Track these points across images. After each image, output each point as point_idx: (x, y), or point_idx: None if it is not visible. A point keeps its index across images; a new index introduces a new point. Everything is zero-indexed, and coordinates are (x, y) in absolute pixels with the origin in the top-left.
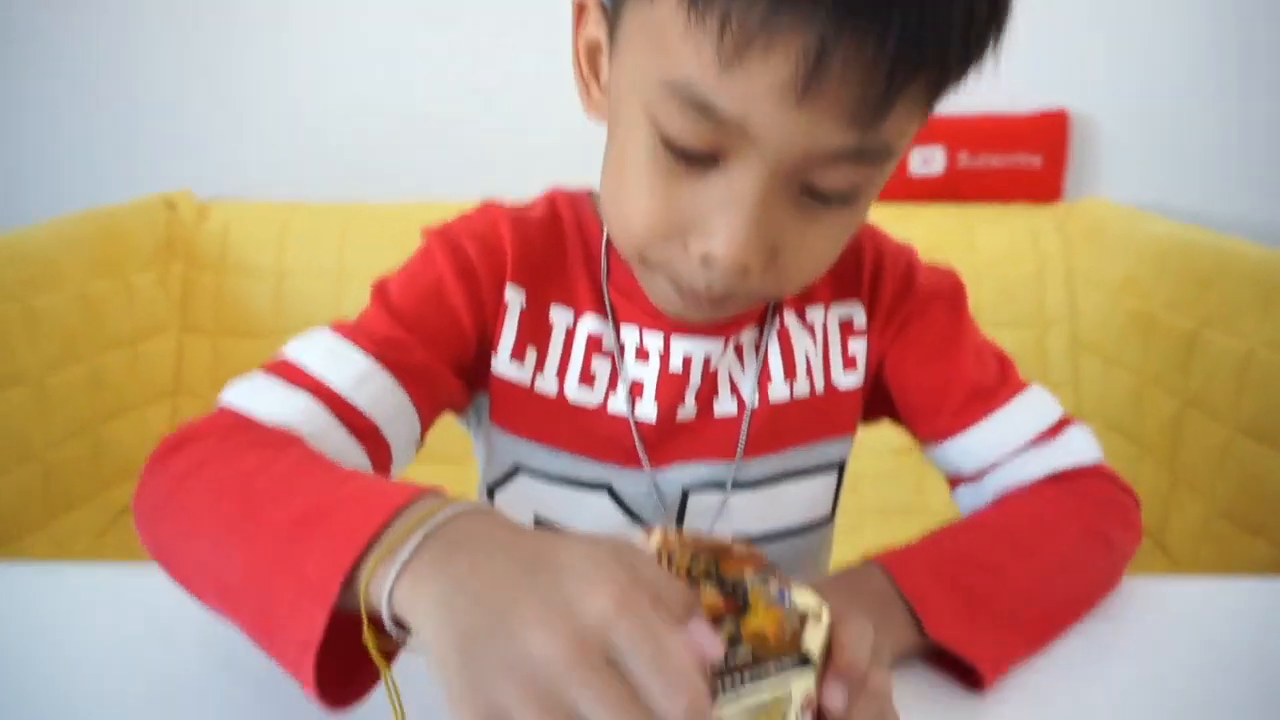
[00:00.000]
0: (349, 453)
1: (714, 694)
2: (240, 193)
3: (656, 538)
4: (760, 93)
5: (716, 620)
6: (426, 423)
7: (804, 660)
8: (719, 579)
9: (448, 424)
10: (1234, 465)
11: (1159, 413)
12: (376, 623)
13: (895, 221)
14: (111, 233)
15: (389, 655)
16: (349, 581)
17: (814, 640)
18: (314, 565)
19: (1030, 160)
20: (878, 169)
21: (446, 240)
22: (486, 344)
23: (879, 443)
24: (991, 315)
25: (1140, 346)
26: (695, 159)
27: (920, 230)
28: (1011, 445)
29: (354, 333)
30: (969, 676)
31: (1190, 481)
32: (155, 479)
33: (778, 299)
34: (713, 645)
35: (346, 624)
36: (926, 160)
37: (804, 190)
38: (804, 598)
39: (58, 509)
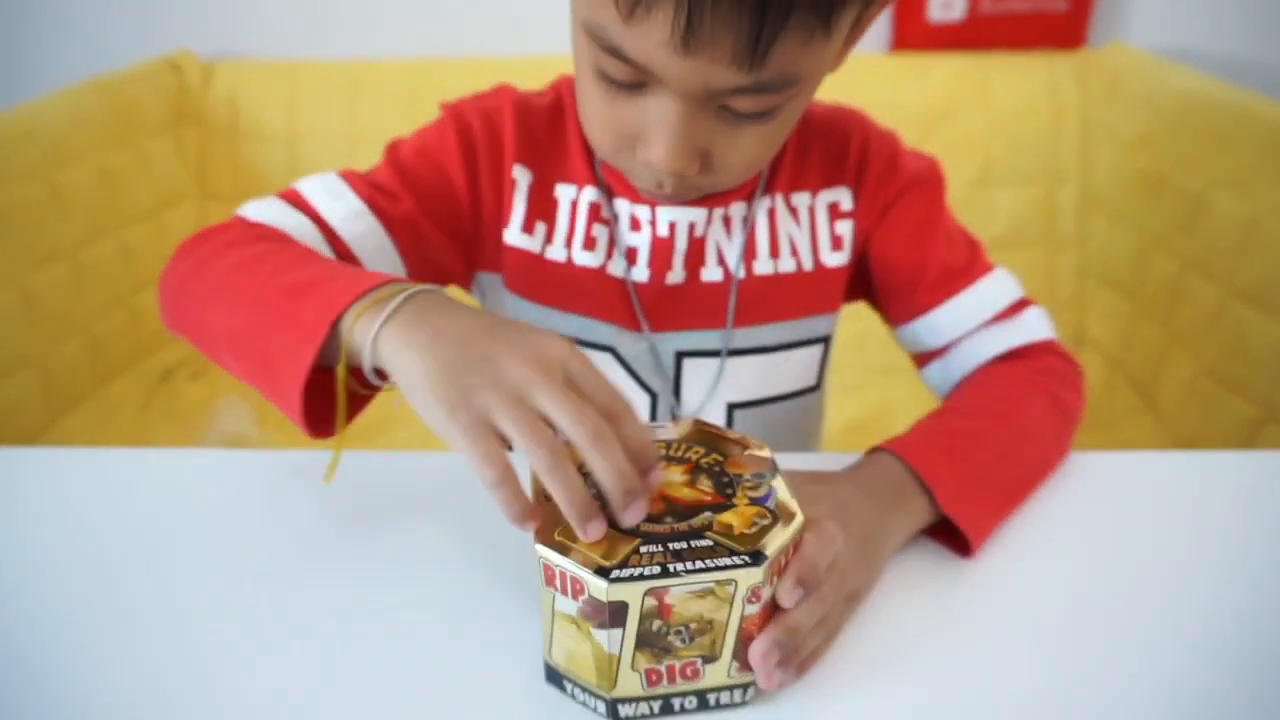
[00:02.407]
0: None
1: (669, 574)
2: (238, 50)
3: (684, 426)
4: (653, 46)
5: (697, 508)
6: (414, 272)
7: (758, 556)
8: (719, 473)
9: None
10: (1225, 327)
11: (1159, 273)
12: (356, 368)
13: (911, 75)
14: (121, 102)
15: (362, 399)
16: (336, 329)
17: (774, 542)
18: (310, 313)
19: (1055, 3)
20: (787, 93)
21: (455, 114)
22: (490, 219)
23: None
24: (1003, 171)
25: (1147, 206)
26: (625, 85)
27: (936, 83)
28: (976, 321)
29: (355, 178)
30: (955, 541)
31: (1183, 341)
32: (179, 264)
33: (727, 188)
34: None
35: (331, 375)
36: (947, 5)
37: (723, 109)
38: (786, 502)
39: (104, 377)
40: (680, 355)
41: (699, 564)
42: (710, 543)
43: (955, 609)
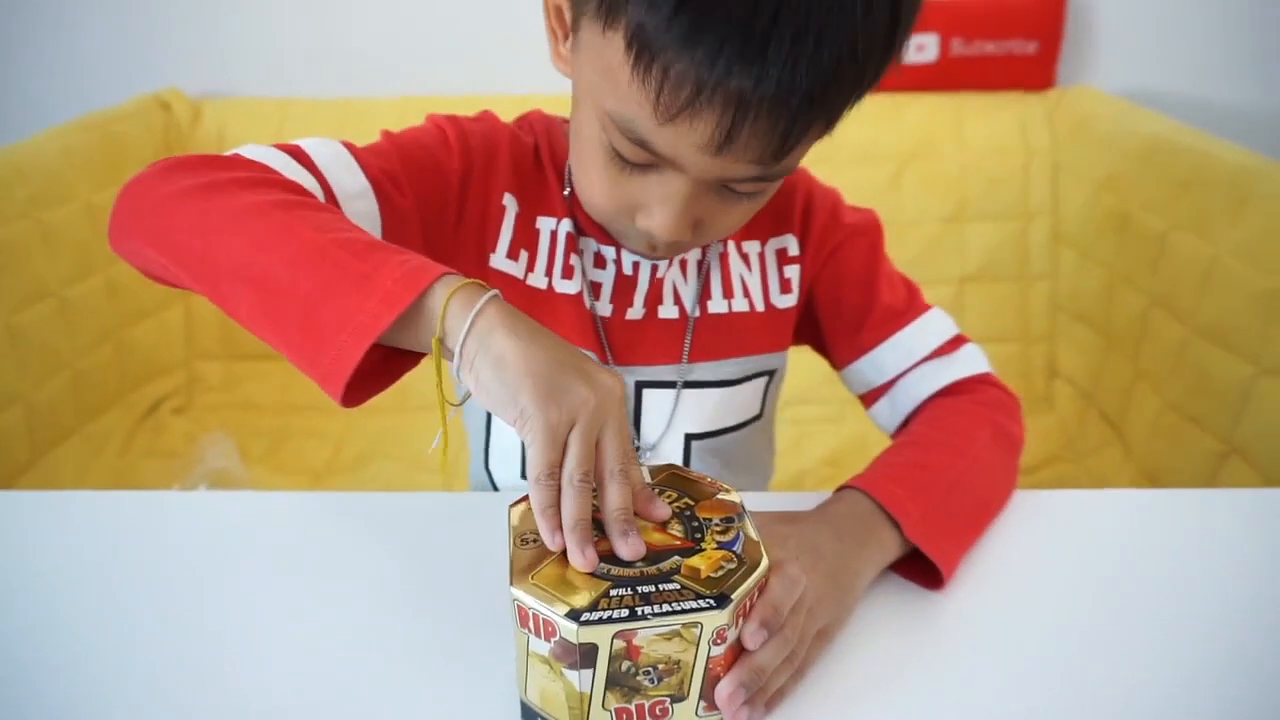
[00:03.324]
0: None
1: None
2: (225, 89)
3: (658, 471)
4: (686, 146)
5: (666, 552)
6: None
7: (723, 600)
8: (689, 517)
9: None
10: (1188, 363)
11: (1127, 309)
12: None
13: (886, 113)
14: (110, 139)
15: (397, 372)
16: (420, 301)
17: (739, 586)
18: (390, 279)
19: (1025, 47)
20: (784, 178)
21: (455, 123)
22: (472, 238)
23: None
24: (977, 208)
25: (1115, 244)
26: (637, 165)
27: (911, 121)
28: (918, 355)
29: (364, 155)
30: (926, 576)
31: (1149, 376)
32: (167, 177)
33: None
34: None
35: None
36: (920, 47)
37: (723, 186)
38: (753, 547)
39: (89, 413)
40: (640, 386)
41: (666, 607)
42: (677, 586)
43: (926, 647)
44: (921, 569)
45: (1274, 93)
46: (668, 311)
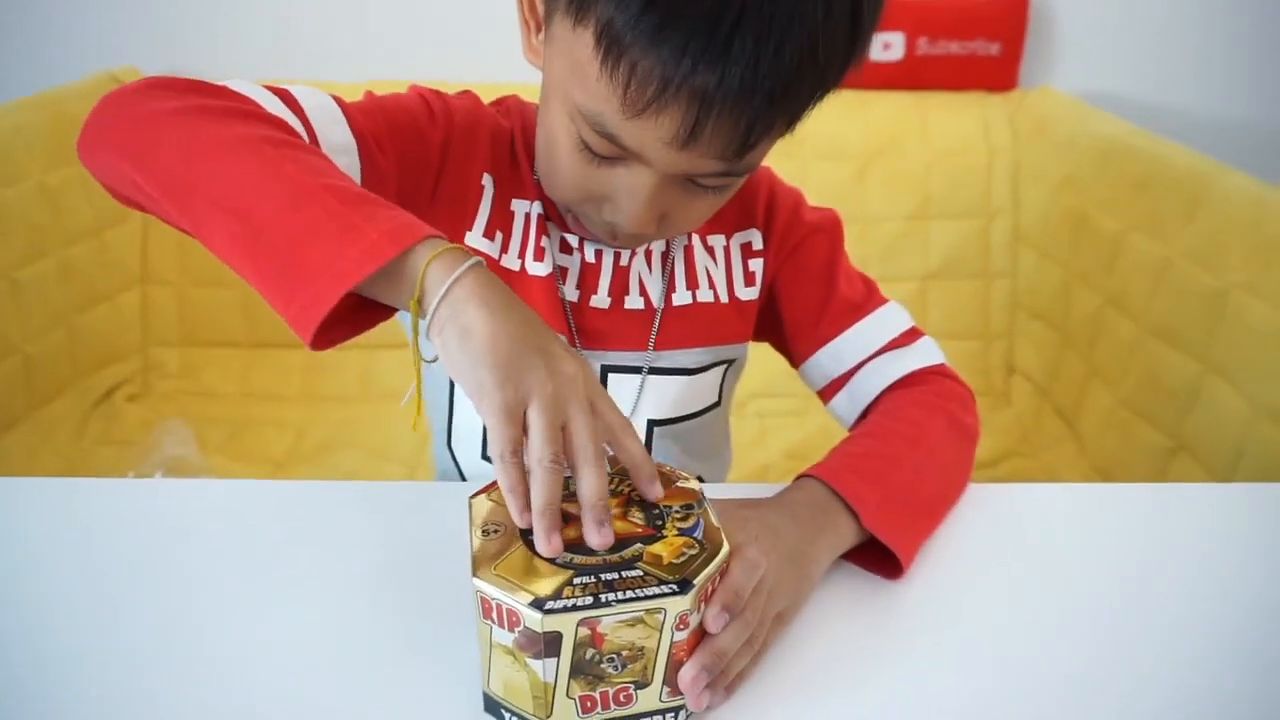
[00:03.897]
0: None
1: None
2: (183, 68)
3: (619, 462)
4: (652, 140)
5: (628, 540)
6: None
7: (686, 585)
8: (650, 505)
9: None
10: (1140, 361)
11: (1082, 307)
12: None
13: (852, 110)
14: (63, 119)
15: (367, 321)
16: (403, 258)
17: (701, 571)
18: (377, 231)
19: (988, 48)
20: (748, 173)
21: (439, 96)
22: (446, 213)
23: None
24: (940, 206)
25: (1071, 243)
26: (605, 157)
27: (876, 118)
28: (876, 345)
29: (351, 110)
30: (884, 566)
31: (1102, 373)
32: (155, 94)
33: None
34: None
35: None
36: (887, 45)
37: (688, 180)
38: (713, 532)
39: (39, 399)
40: (606, 370)
41: (629, 594)
42: (640, 573)
43: (882, 634)
44: (879, 558)
45: (1230, 98)
46: (634, 302)
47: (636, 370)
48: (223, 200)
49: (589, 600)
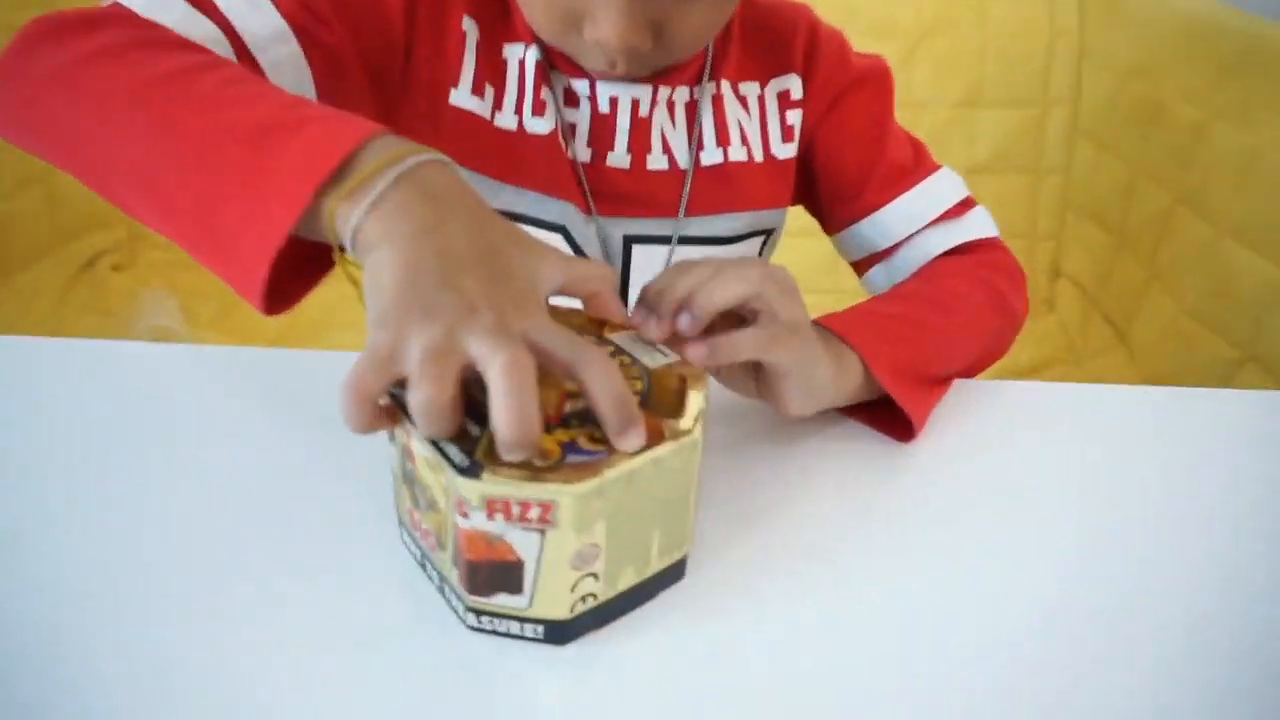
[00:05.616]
0: None
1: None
2: None
3: (577, 317)
4: None
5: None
6: None
7: (475, 468)
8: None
9: None
10: (1211, 265)
11: (1147, 207)
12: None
13: None
14: None
15: (324, 269)
16: (319, 199)
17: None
18: (286, 176)
19: None
20: None
21: None
22: (426, 74)
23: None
24: (993, 93)
25: (1140, 135)
26: None
27: None
28: (925, 219)
29: None
30: (896, 428)
31: (1164, 278)
32: (36, 49)
33: (680, 62)
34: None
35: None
36: None
37: None
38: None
39: (17, 263)
40: (629, 241)
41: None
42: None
43: (906, 525)
44: (889, 419)
45: None
46: (657, 162)
47: (665, 240)
48: (129, 175)
49: (405, 398)
